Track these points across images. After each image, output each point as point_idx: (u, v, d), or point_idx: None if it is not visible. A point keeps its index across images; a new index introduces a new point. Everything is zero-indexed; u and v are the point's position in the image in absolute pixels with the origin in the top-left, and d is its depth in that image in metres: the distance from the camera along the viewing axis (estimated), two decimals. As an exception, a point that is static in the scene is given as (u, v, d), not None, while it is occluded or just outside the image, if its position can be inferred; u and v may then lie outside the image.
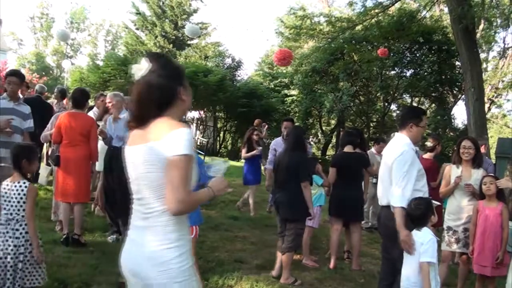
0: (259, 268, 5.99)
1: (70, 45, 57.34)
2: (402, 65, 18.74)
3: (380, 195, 4.54)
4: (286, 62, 11.15)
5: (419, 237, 3.89)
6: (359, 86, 20.27)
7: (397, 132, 4.54)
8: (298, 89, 22.74)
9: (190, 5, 35.07)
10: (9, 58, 41.56)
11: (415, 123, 4.36)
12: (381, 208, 4.53)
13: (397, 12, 18.19)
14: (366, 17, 17.66)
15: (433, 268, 3.84)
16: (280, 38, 25.29)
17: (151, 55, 2.41)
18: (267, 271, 5.79)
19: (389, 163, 4.30)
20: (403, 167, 4.14)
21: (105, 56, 30.62)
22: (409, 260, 3.97)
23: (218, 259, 6.09)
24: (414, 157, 4.28)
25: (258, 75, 30.09)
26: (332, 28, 18.68)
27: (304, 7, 22.04)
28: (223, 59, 28.97)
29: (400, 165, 4.15)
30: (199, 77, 21.27)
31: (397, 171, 4.16)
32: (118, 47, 51.51)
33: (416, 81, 17.94)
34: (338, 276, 6.04)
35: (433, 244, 3.84)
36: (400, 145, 4.30)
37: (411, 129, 4.36)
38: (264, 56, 32.90)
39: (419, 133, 4.44)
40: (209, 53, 31.74)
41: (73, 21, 59.30)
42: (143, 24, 34.72)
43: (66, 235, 6.13)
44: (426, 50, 18.55)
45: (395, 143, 4.40)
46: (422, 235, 3.89)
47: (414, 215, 3.97)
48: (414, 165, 4.21)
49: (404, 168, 4.13)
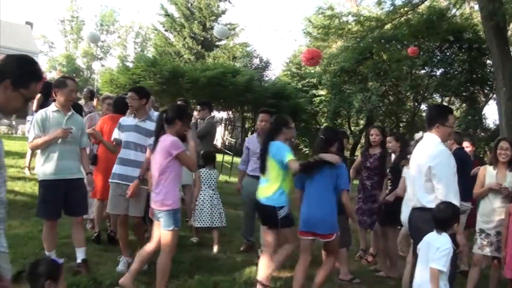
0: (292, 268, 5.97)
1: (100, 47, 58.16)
2: (432, 64, 18.51)
3: (411, 196, 4.49)
4: (315, 62, 11.11)
5: (437, 242, 3.77)
6: (389, 85, 20.09)
7: (425, 132, 4.49)
8: (326, 89, 22.66)
9: (218, 6, 35.23)
10: (40, 60, 42.43)
11: (441, 123, 4.30)
12: (412, 211, 4.44)
13: (427, 10, 17.93)
14: (395, 16, 17.47)
15: (443, 278, 3.73)
16: (308, 38, 25.18)
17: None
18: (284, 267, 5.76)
19: (422, 164, 4.24)
20: (446, 167, 4.12)
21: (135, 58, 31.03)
22: (425, 264, 3.86)
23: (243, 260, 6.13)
24: (450, 155, 4.24)
25: (286, 75, 30.05)
26: (361, 27, 18.52)
27: (332, 6, 21.84)
28: (251, 59, 29.09)
29: (442, 166, 4.11)
30: (227, 78, 21.36)
31: (441, 171, 4.11)
32: (147, 49, 52.19)
33: (446, 80, 17.71)
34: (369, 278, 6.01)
35: (448, 254, 3.72)
36: (433, 145, 4.24)
37: (438, 129, 4.29)
38: (292, 56, 32.82)
39: (447, 132, 4.36)
40: (237, 54, 31.84)
41: (103, 24, 60.20)
42: (172, 25, 35.00)
43: (97, 233, 6.23)
44: (457, 48, 18.28)
45: (427, 143, 4.34)
46: (441, 241, 3.77)
47: (439, 218, 3.88)
48: (452, 163, 4.18)
49: (447, 167, 4.11)
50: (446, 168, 4.12)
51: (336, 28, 19.02)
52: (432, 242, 3.81)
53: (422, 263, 3.91)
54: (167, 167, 4.53)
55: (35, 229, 6.13)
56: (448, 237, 3.81)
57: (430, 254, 3.77)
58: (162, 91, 20.83)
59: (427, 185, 4.19)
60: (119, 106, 6.42)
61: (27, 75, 2.47)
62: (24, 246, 5.61)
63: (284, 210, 4.91)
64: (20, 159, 11.61)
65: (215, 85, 21.22)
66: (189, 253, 6.17)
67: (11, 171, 10.28)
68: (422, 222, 4.14)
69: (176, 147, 4.50)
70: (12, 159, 11.67)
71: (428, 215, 4.10)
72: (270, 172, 5.00)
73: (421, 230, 4.11)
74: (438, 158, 4.13)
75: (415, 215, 4.36)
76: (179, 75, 21.08)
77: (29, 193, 8.29)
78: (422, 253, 3.92)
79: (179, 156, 4.52)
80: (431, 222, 3.97)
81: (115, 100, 6.55)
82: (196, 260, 5.84)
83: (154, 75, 20.87)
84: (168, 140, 4.52)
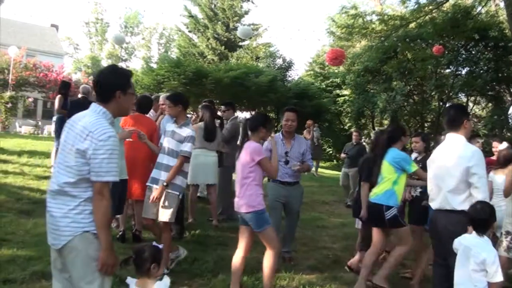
0: (311, 269, 5.98)
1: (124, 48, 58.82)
2: (457, 63, 18.22)
3: (434, 197, 4.44)
4: (338, 62, 11.07)
5: (480, 248, 3.70)
6: (413, 85, 19.85)
7: (448, 133, 4.45)
8: (350, 89, 22.51)
9: (241, 7, 35.25)
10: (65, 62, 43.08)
11: (467, 118, 4.39)
12: (437, 212, 4.40)
13: (452, 8, 17.69)
14: (420, 14, 17.30)
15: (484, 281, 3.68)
16: (331, 37, 25.10)
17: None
18: (320, 272, 5.77)
19: (455, 165, 4.21)
20: (483, 165, 4.14)
21: (159, 59, 31.16)
22: (464, 264, 3.82)
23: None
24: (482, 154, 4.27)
25: (309, 75, 29.93)
26: (385, 26, 18.38)
27: (356, 5, 21.77)
28: (274, 59, 29.01)
29: (480, 165, 4.12)
30: (250, 78, 21.37)
31: (479, 171, 4.11)
32: (171, 50, 52.51)
33: (472, 80, 17.40)
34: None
35: (498, 260, 3.69)
36: (463, 146, 4.25)
37: (465, 126, 4.34)
38: (315, 56, 32.68)
39: (470, 128, 4.47)
40: (260, 54, 31.80)
41: (127, 25, 60.84)
42: (196, 26, 35.14)
43: (122, 232, 6.29)
44: (482, 47, 17.95)
45: (454, 144, 4.32)
46: (484, 247, 3.71)
47: (478, 219, 3.82)
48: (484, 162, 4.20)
49: (483, 166, 4.14)
50: (483, 167, 4.15)
51: (360, 28, 18.91)
52: (474, 248, 3.73)
53: (462, 266, 3.84)
54: (250, 172, 4.74)
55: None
56: (490, 242, 3.78)
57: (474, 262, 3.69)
58: (186, 92, 20.92)
59: (459, 186, 4.17)
60: (142, 105, 6.50)
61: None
62: (51, 244, 5.68)
63: (392, 211, 5.19)
64: (46, 158, 11.79)
65: (238, 85, 21.24)
66: (214, 252, 6.21)
67: (38, 170, 10.46)
68: (453, 226, 4.13)
69: (259, 154, 4.74)
70: (38, 158, 11.87)
71: (456, 217, 4.09)
72: (383, 174, 5.36)
73: (451, 231, 4.10)
74: (475, 158, 4.14)
75: (441, 217, 4.33)
76: (202, 75, 21.16)
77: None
78: (462, 255, 3.85)
79: (261, 162, 4.73)
80: (460, 224, 3.96)
81: (138, 99, 6.61)
82: (221, 259, 5.87)
83: (178, 76, 20.97)
84: (252, 146, 4.78)
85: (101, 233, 2.91)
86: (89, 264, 2.93)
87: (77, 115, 3.09)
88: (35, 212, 7.18)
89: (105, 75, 3.20)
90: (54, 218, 2.97)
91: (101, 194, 2.89)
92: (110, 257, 2.95)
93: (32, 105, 31.32)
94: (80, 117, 3.05)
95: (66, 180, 2.92)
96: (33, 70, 28.79)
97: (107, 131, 2.92)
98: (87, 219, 2.92)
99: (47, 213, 3.05)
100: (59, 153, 3.07)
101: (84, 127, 2.93)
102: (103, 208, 2.90)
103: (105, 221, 2.93)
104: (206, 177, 7.76)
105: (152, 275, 3.30)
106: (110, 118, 3.07)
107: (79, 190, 2.93)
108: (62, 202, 2.94)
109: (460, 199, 4.15)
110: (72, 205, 2.92)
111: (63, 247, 2.95)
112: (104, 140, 2.88)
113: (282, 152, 6.03)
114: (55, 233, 2.98)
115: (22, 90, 28.52)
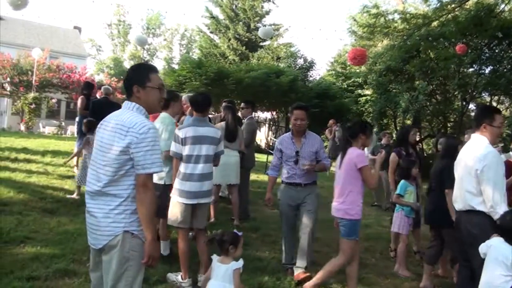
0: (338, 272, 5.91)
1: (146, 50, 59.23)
2: (481, 62, 17.96)
3: (456, 198, 4.39)
4: (360, 61, 10.98)
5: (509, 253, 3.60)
6: (436, 84, 19.64)
7: (473, 133, 4.41)
8: (372, 88, 22.38)
9: (262, 7, 35.30)
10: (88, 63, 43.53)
11: (488, 123, 4.26)
12: (460, 213, 4.38)
13: (474, 6, 17.41)
14: (443, 13, 17.10)
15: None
16: (353, 37, 24.92)
17: None
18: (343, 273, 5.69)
19: (471, 166, 4.17)
20: (494, 169, 4.05)
21: (180, 60, 31.38)
22: (491, 268, 3.73)
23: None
24: (499, 157, 4.15)
25: (331, 75, 29.85)
26: (407, 25, 18.22)
27: (377, 4, 21.54)
28: (295, 59, 28.99)
29: (490, 168, 4.05)
30: (271, 78, 21.40)
31: (488, 174, 4.04)
32: (193, 51, 52.87)
33: (495, 79, 17.12)
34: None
35: None
36: (482, 147, 4.17)
37: (484, 129, 4.26)
38: (337, 56, 32.58)
39: (495, 133, 4.30)
40: (281, 54, 31.78)
41: (149, 27, 61.23)
42: (217, 27, 35.30)
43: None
44: (506, 45, 17.64)
45: (475, 145, 4.27)
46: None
47: (507, 230, 3.71)
48: (500, 165, 4.09)
49: (495, 170, 4.04)
50: (493, 171, 4.05)
51: (381, 27, 18.80)
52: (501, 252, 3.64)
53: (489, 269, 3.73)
54: (353, 178, 4.79)
55: (84, 226, 6.25)
56: None
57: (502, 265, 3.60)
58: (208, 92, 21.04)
59: (477, 187, 4.13)
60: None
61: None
62: (74, 242, 5.75)
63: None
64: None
65: (259, 85, 21.28)
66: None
67: (61, 170, 10.59)
68: (473, 227, 4.09)
69: (362, 161, 4.78)
70: (62, 158, 12.00)
71: (477, 218, 4.05)
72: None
73: (472, 234, 4.06)
74: (486, 160, 4.07)
75: (463, 219, 4.30)
76: (224, 76, 21.25)
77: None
78: (489, 259, 3.75)
79: (362, 170, 4.75)
80: (482, 226, 3.93)
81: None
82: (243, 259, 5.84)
83: (199, 76, 21.10)
84: (355, 153, 4.83)
85: (146, 226, 2.90)
86: (123, 264, 2.94)
87: (111, 115, 3.11)
88: (59, 211, 7.27)
89: (127, 72, 3.26)
90: (95, 219, 2.99)
91: (145, 187, 2.88)
92: (155, 249, 2.96)
93: (55, 106, 31.68)
94: (114, 116, 3.07)
95: (106, 179, 2.93)
96: (57, 72, 29.11)
97: (146, 124, 2.93)
98: (127, 219, 2.94)
99: (87, 214, 3.08)
100: (94, 154, 3.07)
101: (122, 124, 2.94)
102: (148, 199, 2.89)
103: (150, 213, 2.91)
104: (228, 177, 7.76)
105: (230, 254, 3.99)
106: (144, 112, 3.09)
107: (120, 189, 2.93)
108: (103, 202, 2.96)
109: (479, 200, 4.11)
110: (113, 205, 2.93)
111: (103, 246, 2.98)
112: (145, 132, 2.88)
113: (292, 152, 5.63)
114: (96, 233, 3.01)
115: (45, 91, 28.86)
